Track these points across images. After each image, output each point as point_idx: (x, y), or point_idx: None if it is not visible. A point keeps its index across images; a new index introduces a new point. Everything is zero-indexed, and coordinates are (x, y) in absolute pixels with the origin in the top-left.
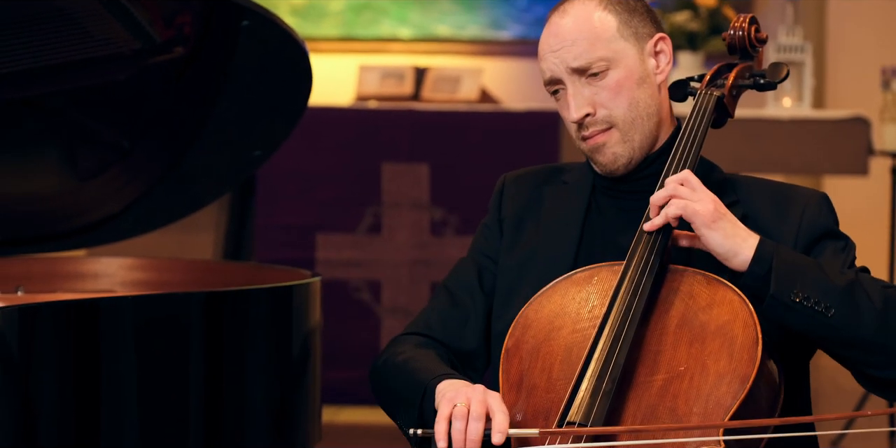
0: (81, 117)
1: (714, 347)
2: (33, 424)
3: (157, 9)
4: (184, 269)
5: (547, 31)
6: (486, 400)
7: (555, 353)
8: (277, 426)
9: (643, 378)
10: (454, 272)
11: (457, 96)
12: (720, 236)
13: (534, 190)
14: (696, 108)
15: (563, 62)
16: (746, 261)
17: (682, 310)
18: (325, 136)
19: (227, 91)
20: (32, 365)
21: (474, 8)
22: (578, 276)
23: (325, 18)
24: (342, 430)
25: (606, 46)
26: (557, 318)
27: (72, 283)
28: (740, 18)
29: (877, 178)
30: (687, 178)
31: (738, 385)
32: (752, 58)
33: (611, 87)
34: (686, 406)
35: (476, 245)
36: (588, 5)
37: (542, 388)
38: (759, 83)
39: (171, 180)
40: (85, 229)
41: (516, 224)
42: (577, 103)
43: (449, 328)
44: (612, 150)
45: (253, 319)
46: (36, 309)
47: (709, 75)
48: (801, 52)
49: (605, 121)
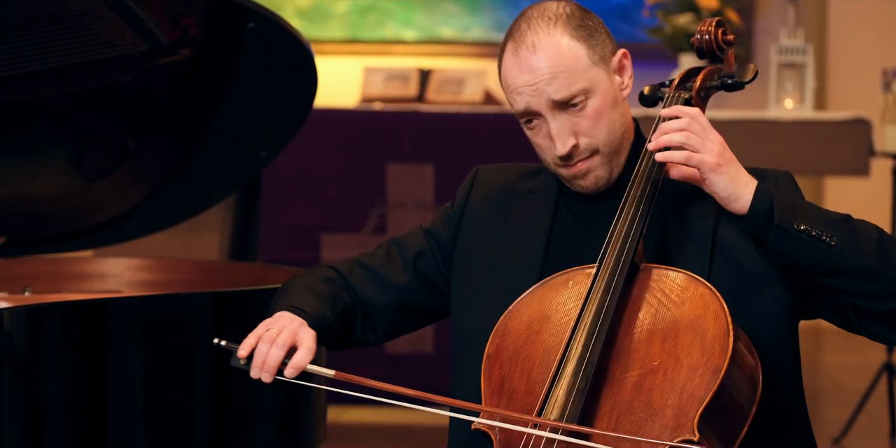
0: (88, 118)
1: (686, 341)
2: (41, 423)
3: (163, 11)
4: (190, 270)
5: (517, 66)
6: (297, 333)
7: (534, 356)
8: (283, 426)
9: (618, 375)
10: (406, 237)
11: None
12: (725, 180)
13: (502, 193)
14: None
15: (544, 96)
16: (747, 203)
17: (654, 306)
18: (330, 137)
19: (232, 92)
20: (40, 364)
21: (478, 10)
22: (554, 280)
23: (330, 20)
24: (347, 429)
25: (583, 76)
26: (535, 322)
27: (79, 283)
28: (706, 22)
29: (878, 179)
30: (698, 115)
31: (711, 376)
32: (720, 60)
33: (591, 116)
34: (661, 399)
35: (434, 224)
36: (554, 35)
37: (523, 391)
38: (727, 83)
39: (177, 181)
40: (92, 230)
41: (480, 230)
42: (562, 136)
43: (365, 281)
44: (595, 174)
45: (259, 319)
46: (43, 309)
47: (677, 79)
48: (802, 53)
49: (589, 149)
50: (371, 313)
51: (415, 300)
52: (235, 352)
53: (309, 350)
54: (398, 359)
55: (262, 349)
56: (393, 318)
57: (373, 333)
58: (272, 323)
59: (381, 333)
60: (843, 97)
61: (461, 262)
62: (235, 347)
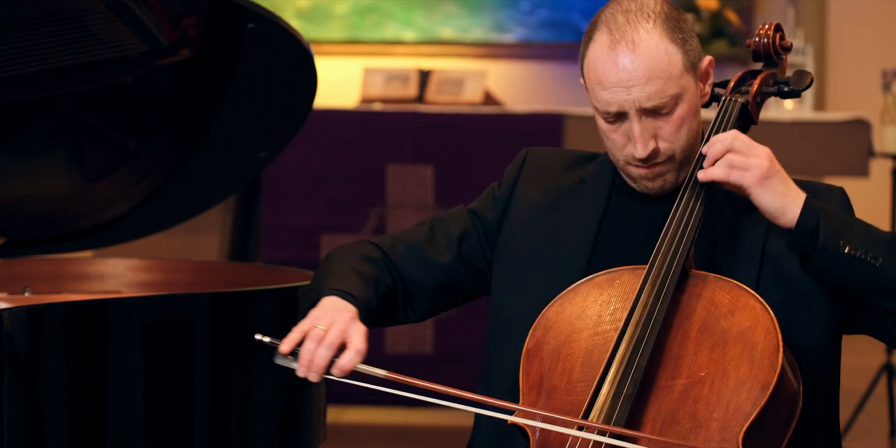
0: (89, 119)
1: (735, 353)
2: (41, 423)
3: (163, 12)
4: (190, 270)
5: (612, 61)
6: (347, 330)
7: (575, 355)
8: (283, 426)
9: (664, 382)
10: (449, 216)
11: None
12: (770, 194)
13: (553, 180)
14: (720, 114)
15: (636, 102)
16: (794, 218)
17: (703, 315)
18: (330, 137)
19: (232, 93)
20: (40, 365)
21: (478, 11)
22: (600, 278)
23: (330, 21)
24: (347, 429)
25: (676, 83)
26: (578, 320)
27: (78, 283)
28: (765, 26)
29: (877, 180)
30: (738, 135)
31: (759, 392)
32: (776, 65)
33: (675, 122)
34: (706, 411)
35: (479, 205)
36: (654, 36)
37: (563, 390)
38: (784, 90)
39: (177, 181)
40: (92, 230)
41: (528, 216)
42: (644, 140)
43: (409, 258)
44: (664, 178)
45: (259, 320)
46: (43, 309)
47: (733, 82)
48: (802, 54)
49: (666, 154)
50: (413, 293)
51: (456, 280)
52: (278, 348)
53: (358, 352)
54: (398, 359)
55: (308, 347)
56: (435, 297)
57: (413, 313)
58: (319, 316)
59: (421, 313)
60: (842, 98)
61: (505, 248)
62: (278, 344)
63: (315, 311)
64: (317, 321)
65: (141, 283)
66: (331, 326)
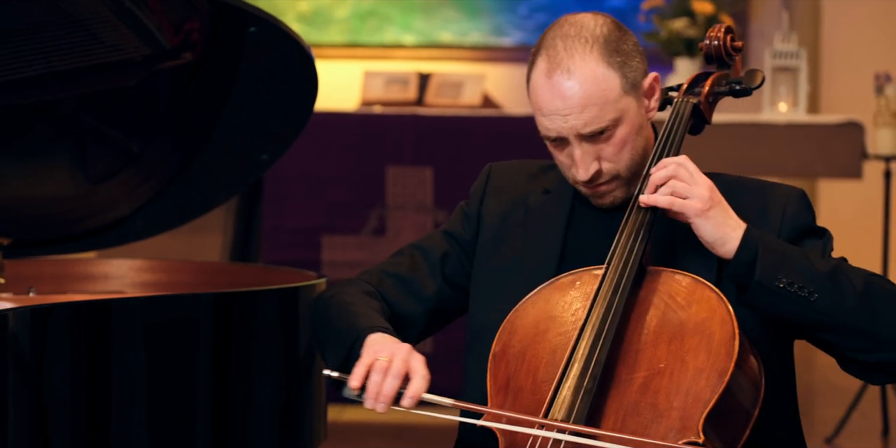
0: (93, 122)
1: (693, 344)
2: (45, 422)
3: (166, 16)
4: (192, 271)
5: (549, 89)
6: (410, 360)
7: (540, 355)
8: (284, 425)
9: (625, 376)
10: (425, 241)
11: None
12: (710, 225)
13: (519, 192)
14: (672, 115)
15: (573, 128)
16: (733, 249)
17: (661, 309)
18: (330, 140)
19: (234, 96)
20: (44, 364)
21: (477, 15)
22: (562, 281)
23: (330, 25)
24: (347, 428)
25: (614, 107)
26: (542, 322)
27: (83, 284)
28: (716, 28)
29: (870, 182)
30: (685, 162)
31: (717, 379)
32: (728, 66)
33: (616, 144)
34: (667, 401)
35: (452, 225)
36: (589, 62)
37: (528, 390)
38: (736, 89)
39: (180, 183)
40: (96, 231)
41: (499, 227)
42: (586, 163)
43: (398, 291)
44: (613, 195)
45: (260, 320)
46: (48, 309)
47: (686, 84)
48: (796, 58)
49: (610, 174)
50: (404, 323)
51: (445, 305)
52: (347, 382)
53: (424, 378)
54: None
55: (375, 379)
56: (427, 325)
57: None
58: (379, 350)
59: (412, 341)
60: (836, 101)
61: (481, 260)
62: (346, 378)
63: (371, 347)
64: (378, 354)
65: (144, 283)
66: (393, 357)
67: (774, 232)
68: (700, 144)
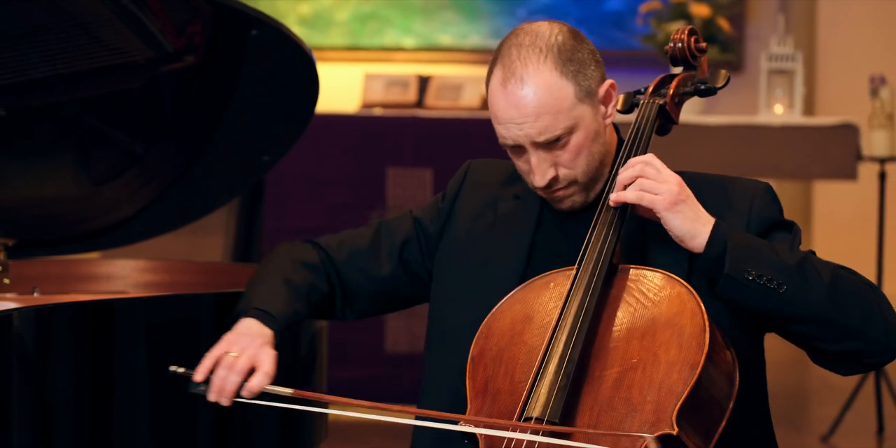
0: (96, 124)
1: (664, 338)
2: (49, 420)
3: (168, 19)
4: (194, 271)
5: (504, 98)
6: (257, 356)
7: (516, 357)
8: (285, 424)
9: (598, 372)
10: (395, 222)
11: (459, 103)
12: (679, 219)
13: (491, 194)
14: (639, 116)
15: (528, 137)
16: (703, 243)
17: (633, 305)
18: (331, 141)
19: (236, 98)
20: (48, 363)
21: (476, 18)
22: (536, 283)
23: (331, 28)
24: (347, 428)
25: (568, 116)
26: (518, 324)
27: (86, 284)
28: (679, 31)
29: (865, 183)
30: (651, 160)
31: (689, 372)
32: (694, 67)
33: (572, 151)
34: (640, 395)
35: (423, 213)
36: (543, 71)
37: (506, 391)
38: (700, 89)
39: (182, 185)
40: (99, 232)
41: (468, 229)
42: (542, 170)
43: (350, 264)
44: (572, 199)
45: None
46: (52, 309)
47: (652, 86)
48: (792, 60)
49: (567, 179)
50: (352, 295)
51: (396, 288)
52: (192, 377)
53: (266, 374)
54: (398, 359)
55: (220, 374)
56: (373, 302)
57: (351, 312)
58: (233, 341)
59: (358, 314)
60: (831, 103)
61: (445, 258)
62: (192, 373)
63: (229, 336)
64: (229, 348)
65: (147, 283)
66: (241, 353)
67: (743, 226)
68: (698, 146)
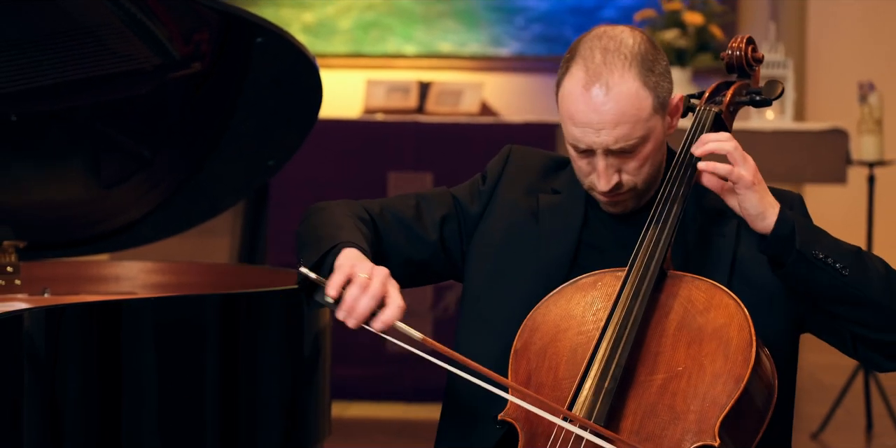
0: (105, 129)
1: (711, 349)
2: (59, 420)
3: (175, 27)
4: (201, 273)
5: (584, 101)
6: (388, 284)
7: (560, 353)
8: (289, 421)
9: (644, 377)
10: (434, 197)
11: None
12: (756, 199)
13: (532, 184)
14: (695, 122)
15: (603, 143)
16: (771, 224)
17: (680, 313)
18: (334, 146)
19: (242, 104)
20: (58, 363)
21: (475, 26)
22: (583, 281)
23: (334, 36)
24: (350, 424)
25: (644, 126)
26: (563, 320)
27: (95, 285)
28: (738, 39)
29: (854, 186)
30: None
31: (733, 385)
32: (748, 76)
33: (640, 159)
34: (684, 404)
35: (462, 193)
36: (627, 80)
37: (549, 386)
38: (756, 100)
39: (189, 188)
40: (108, 235)
41: (510, 215)
42: (608, 175)
43: (395, 230)
44: (626, 204)
45: (266, 320)
46: (62, 310)
47: (708, 92)
48: (783, 67)
49: (629, 186)
50: (382, 261)
51: (431, 258)
52: (323, 287)
53: (400, 307)
54: (397, 358)
55: (353, 293)
56: (400, 270)
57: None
58: (358, 265)
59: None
60: (821, 109)
61: (485, 244)
62: (325, 282)
63: (351, 259)
64: (356, 269)
65: (154, 284)
66: (372, 277)
67: None
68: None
